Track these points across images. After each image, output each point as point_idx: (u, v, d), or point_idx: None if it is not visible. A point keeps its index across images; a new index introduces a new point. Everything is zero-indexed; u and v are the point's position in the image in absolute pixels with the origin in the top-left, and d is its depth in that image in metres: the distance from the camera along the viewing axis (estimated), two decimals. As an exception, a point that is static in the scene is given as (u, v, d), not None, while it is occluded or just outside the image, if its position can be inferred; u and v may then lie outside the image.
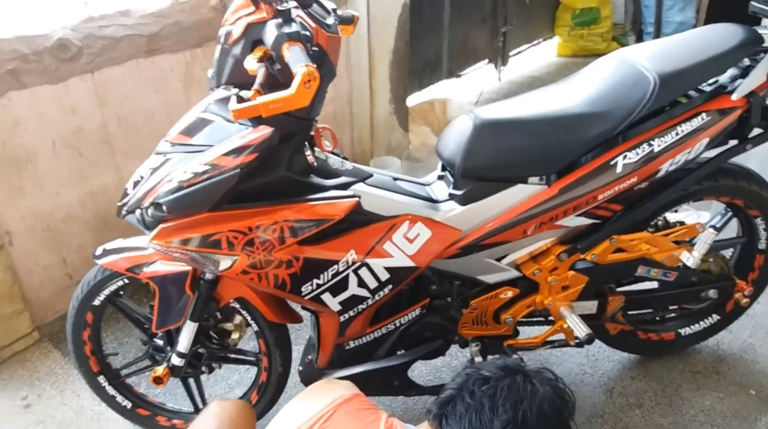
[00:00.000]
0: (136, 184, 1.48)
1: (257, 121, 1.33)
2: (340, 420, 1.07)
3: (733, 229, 2.00)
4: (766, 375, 2.08)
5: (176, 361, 1.70)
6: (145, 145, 2.36)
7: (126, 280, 1.69)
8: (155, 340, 1.78)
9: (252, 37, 1.36)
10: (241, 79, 1.39)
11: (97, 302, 1.72)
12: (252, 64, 1.29)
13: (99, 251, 1.67)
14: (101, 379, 1.83)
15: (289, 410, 1.16)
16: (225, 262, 1.43)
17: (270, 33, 1.27)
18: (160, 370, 1.68)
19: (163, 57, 2.37)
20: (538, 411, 1.03)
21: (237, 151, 1.34)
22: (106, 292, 1.71)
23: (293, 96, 1.16)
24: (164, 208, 1.38)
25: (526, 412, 1.02)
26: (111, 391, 1.85)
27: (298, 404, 1.16)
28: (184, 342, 1.67)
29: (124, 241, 1.68)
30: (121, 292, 1.75)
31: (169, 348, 1.74)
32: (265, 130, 1.34)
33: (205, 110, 1.46)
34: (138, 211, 1.46)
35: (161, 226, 1.41)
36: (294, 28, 1.26)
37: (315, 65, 1.19)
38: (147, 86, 2.36)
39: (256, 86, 1.24)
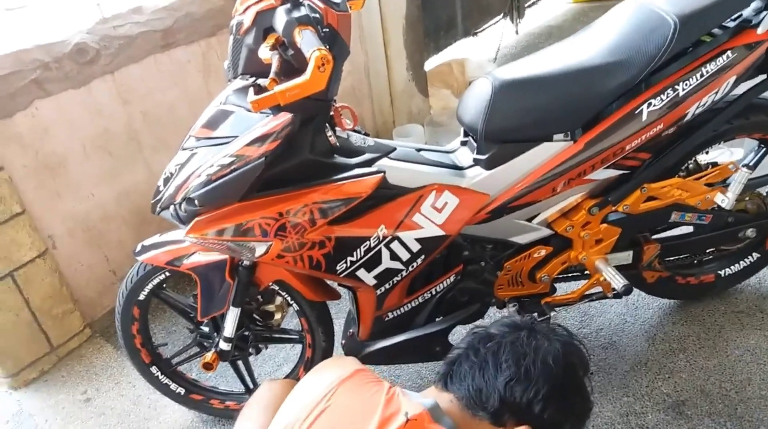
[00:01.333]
0: (166, 180, 1.51)
1: (277, 108, 1.34)
2: (343, 397, 1.08)
3: (767, 166, 1.96)
4: (811, 309, 2.06)
5: (223, 345, 1.75)
6: (170, 138, 2.40)
7: (167, 274, 1.75)
8: (201, 327, 1.84)
9: (263, 25, 1.36)
10: (257, 68, 1.40)
11: (141, 297, 1.78)
12: (265, 52, 1.30)
13: (138, 248, 1.73)
14: (154, 369, 1.91)
15: (295, 393, 1.18)
16: (260, 249, 1.47)
17: (280, 19, 1.28)
18: (208, 356, 1.75)
19: (179, 50, 2.39)
20: (543, 365, 1.03)
21: (260, 140, 1.36)
22: (150, 286, 1.77)
23: (309, 81, 1.17)
24: (196, 202, 1.41)
25: (528, 366, 1.03)
26: (164, 379, 1.93)
27: (302, 387, 1.18)
28: (229, 327, 1.72)
29: (161, 236, 1.73)
30: (164, 285, 1.80)
31: (215, 334, 1.80)
32: (285, 117, 1.35)
33: (225, 102, 1.48)
34: (171, 207, 1.50)
35: (196, 219, 1.44)
36: (303, 11, 1.26)
37: (327, 47, 1.20)
38: (166, 80, 2.39)
39: (272, 75, 1.25)
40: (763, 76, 1.66)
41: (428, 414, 1.02)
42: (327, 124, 1.48)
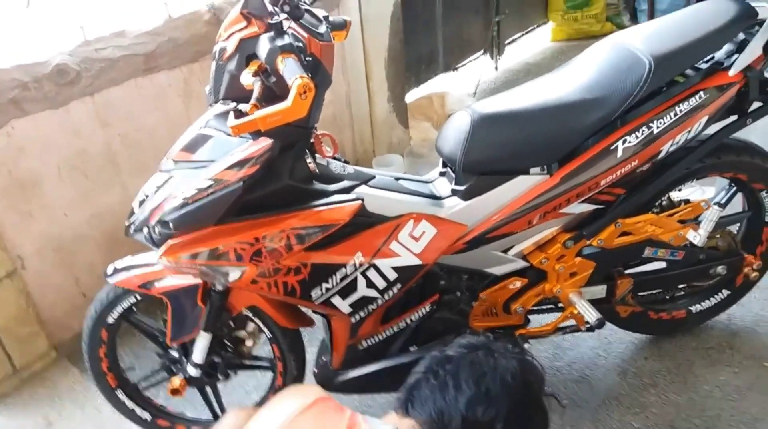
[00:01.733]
0: (141, 202, 1.50)
1: (257, 133, 1.35)
2: (303, 425, 1.07)
3: (738, 204, 2.01)
4: (780, 347, 2.09)
5: (192, 371, 1.72)
6: (149, 162, 2.37)
7: (138, 297, 1.72)
8: (170, 352, 1.80)
9: (246, 52, 1.37)
10: (238, 94, 1.40)
11: (110, 320, 1.74)
12: (248, 78, 1.30)
13: (110, 270, 1.70)
14: (120, 393, 1.86)
15: (254, 423, 1.15)
16: (234, 274, 1.45)
17: (263, 47, 1.29)
18: (176, 381, 1.71)
19: (161, 74, 2.38)
20: (502, 383, 1.04)
21: (239, 165, 1.35)
22: (119, 309, 1.73)
23: (290, 108, 1.18)
24: (171, 225, 1.40)
25: (489, 385, 1.03)
26: (130, 404, 1.88)
27: (262, 416, 1.16)
28: (198, 353, 1.69)
29: (133, 258, 1.70)
30: (134, 309, 1.77)
31: (184, 359, 1.77)
32: (265, 142, 1.35)
33: (205, 126, 1.48)
34: (145, 229, 1.49)
35: (169, 241, 1.43)
36: (287, 40, 1.27)
37: (310, 75, 1.21)
38: (147, 104, 2.38)
39: (253, 101, 1.25)
40: (734, 117, 1.71)
41: None
42: (307, 151, 1.49)
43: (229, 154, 1.38)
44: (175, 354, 1.80)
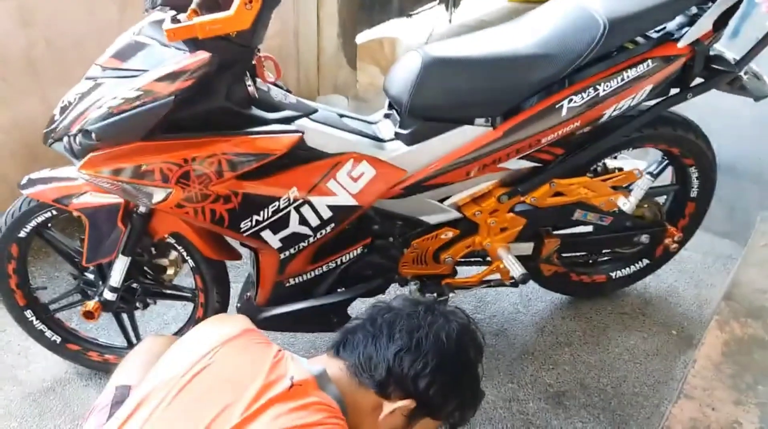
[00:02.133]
0: (63, 109, 1.39)
1: (194, 45, 1.26)
2: (228, 356, 1.05)
3: (667, 177, 2.07)
4: (687, 317, 2.20)
5: (108, 295, 1.65)
6: (74, 71, 2.17)
7: (54, 212, 1.62)
8: (86, 274, 1.72)
9: None
10: (179, 1, 1.30)
11: (22, 234, 1.64)
12: None
13: (24, 181, 1.59)
14: (28, 313, 1.77)
15: (176, 348, 1.13)
16: (158, 195, 1.38)
17: None
18: (91, 304, 1.64)
19: (95, -24, 2.21)
20: (435, 340, 1.05)
21: (172, 77, 1.26)
22: (33, 223, 1.63)
23: (233, 17, 1.10)
24: (93, 135, 1.30)
25: (421, 338, 1.05)
26: (39, 325, 1.79)
27: (185, 342, 1.14)
28: (116, 276, 1.62)
29: (51, 171, 1.60)
30: (49, 224, 1.67)
31: (101, 283, 1.69)
32: (202, 56, 1.27)
33: (140, 33, 1.38)
34: (66, 139, 1.38)
35: (91, 154, 1.33)
36: None
37: None
38: (77, 8, 2.21)
39: (193, 6, 1.16)
40: (676, 90, 1.74)
41: (314, 380, 1.01)
42: (247, 73, 1.41)
43: (162, 65, 1.29)
44: (91, 276, 1.72)
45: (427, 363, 1.04)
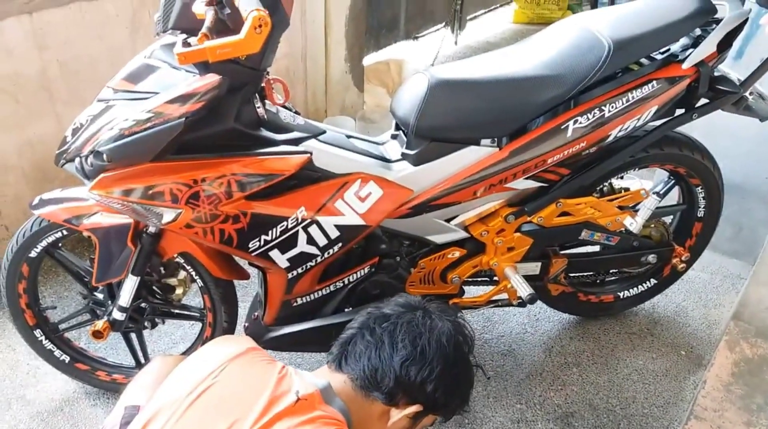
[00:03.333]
0: (75, 131, 1.41)
1: (205, 68, 1.28)
2: (233, 374, 1.06)
3: (674, 197, 2.07)
4: (696, 337, 2.19)
5: (117, 315, 1.66)
6: (87, 93, 2.24)
7: (65, 232, 1.63)
8: (95, 293, 1.73)
9: None
10: (190, 25, 1.32)
11: (33, 254, 1.66)
12: (200, 7, 1.23)
13: (36, 201, 1.61)
14: (38, 332, 1.78)
15: (182, 368, 1.13)
16: (168, 215, 1.39)
17: None
18: (100, 324, 1.65)
19: (108, 1, 2.25)
20: (437, 345, 1.06)
21: (182, 99, 1.28)
22: (43, 243, 1.65)
23: (243, 41, 1.12)
24: (105, 156, 1.32)
25: (425, 346, 1.05)
26: (48, 345, 1.80)
27: (191, 362, 1.14)
28: (125, 296, 1.63)
29: (63, 192, 1.62)
30: (60, 244, 1.69)
31: (110, 302, 1.70)
32: (212, 78, 1.29)
33: (151, 56, 1.40)
34: (77, 160, 1.40)
35: (102, 175, 1.35)
36: None
37: (267, 11, 1.15)
38: (90, 31, 2.24)
39: (203, 30, 1.18)
40: (681, 111, 1.75)
41: (320, 394, 1.02)
42: (257, 95, 1.43)
43: (173, 88, 1.31)
44: (100, 296, 1.73)
45: (432, 369, 1.05)
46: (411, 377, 1.04)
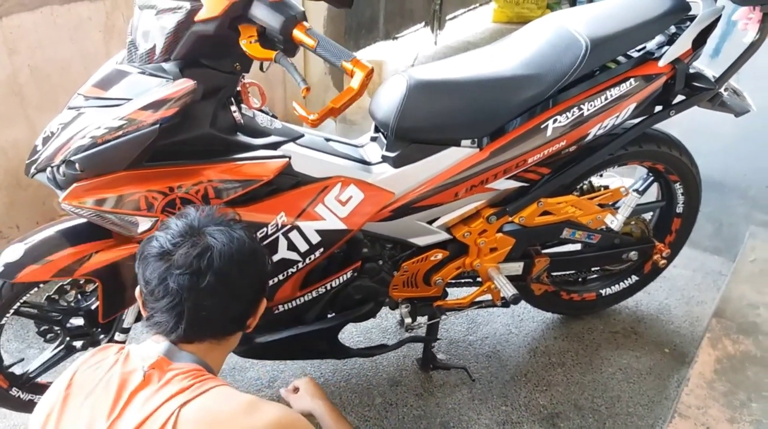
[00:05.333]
0: (46, 140, 1.37)
1: (178, 71, 1.26)
2: (82, 377, 1.02)
3: (653, 194, 2.08)
4: (679, 334, 2.20)
5: (119, 337, 1.63)
6: (59, 98, 2.21)
7: (40, 285, 1.51)
8: (67, 325, 1.63)
9: (232, 14, 1.24)
10: (194, 54, 1.29)
11: (3, 321, 1.52)
12: (257, 49, 1.23)
13: (1, 266, 1.42)
14: (14, 391, 1.66)
15: (44, 398, 1.08)
16: (144, 224, 1.36)
17: (269, 14, 1.21)
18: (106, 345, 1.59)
19: (81, 4, 2.21)
20: (214, 273, 1.01)
21: (156, 105, 1.25)
22: (16, 306, 1.52)
23: (358, 93, 1.19)
24: (77, 166, 1.29)
25: (201, 278, 1.01)
26: (27, 396, 1.68)
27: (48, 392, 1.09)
28: (130, 318, 1.60)
29: (26, 245, 1.43)
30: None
31: (96, 329, 1.64)
32: (186, 83, 1.26)
33: (122, 61, 1.37)
34: (49, 170, 1.36)
35: (74, 185, 1.31)
36: (296, 7, 1.21)
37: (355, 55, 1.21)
38: (62, 35, 2.20)
39: (303, 85, 1.21)
40: (659, 108, 1.75)
41: (165, 357, 1.01)
42: (232, 99, 1.40)
43: (146, 93, 1.28)
44: (76, 322, 1.63)
45: (228, 292, 1.03)
46: (217, 313, 1.04)
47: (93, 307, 1.62)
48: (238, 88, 1.43)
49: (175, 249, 1.02)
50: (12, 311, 1.53)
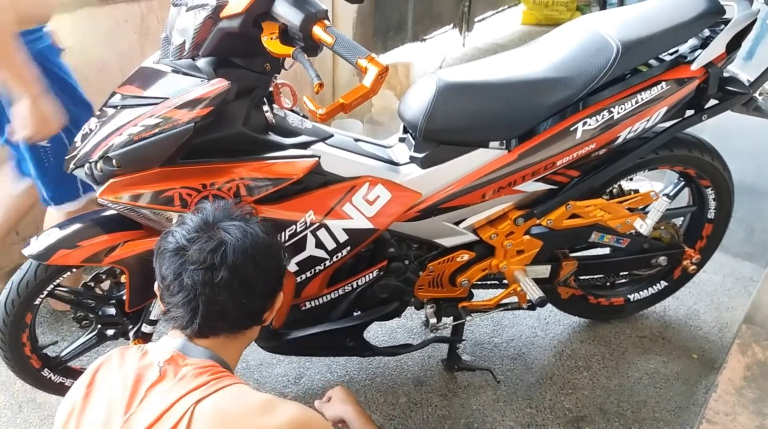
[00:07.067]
0: (85, 136, 1.42)
1: (213, 71, 1.29)
2: (103, 377, 1.04)
3: (684, 199, 2.06)
4: (708, 340, 2.17)
5: (147, 329, 1.66)
6: (96, 98, 2.24)
7: (74, 270, 1.57)
8: (101, 313, 1.69)
9: (256, 12, 1.27)
10: (223, 51, 1.32)
11: (38, 301, 1.58)
12: (277, 45, 1.24)
13: (34, 247, 1.48)
14: (46, 372, 1.72)
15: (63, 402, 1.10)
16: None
17: (290, 11, 1.22)
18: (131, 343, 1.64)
19: (118, 7, 2.27)
20: (228, 267, 1.02)
21: (191, 104, 1.29)
22: (49, 288, 1.57)
23: (370, 91, 1.20)
24: (114, 161, 1.33)
25: (214, 277, 1.01)
26: (59, 379, 1.74)
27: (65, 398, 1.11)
28: (156, 310, 1.63)
29: (61, 230, 1.49)
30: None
31: (125, 319, 1.69)
32: (221, 83, 1.29)
33: (159, 61, 1.41)
34: (87, 165, 1.41)
35: (111, 180, 1.35)
36: (316, 4, 1.22)
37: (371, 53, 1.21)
38: (99, 37, 2.26)
39: (317, 81, 1.21)
40: (690, 112, 1.74)
41: (180, 353, 1.03)
42: (265, 100, 1.43)
43: (182, 93, 1.31)
44: (110, 311, 1.68)
45: (242, 286, 1.03)
46: (233, 305, 1.03)
47: (124, 297, 1.66)
48: (270, 89, 1.45)
49: (189, 244, 1.03)
50: (46, 293, 1.58)
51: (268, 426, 0.95)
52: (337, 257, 1.58)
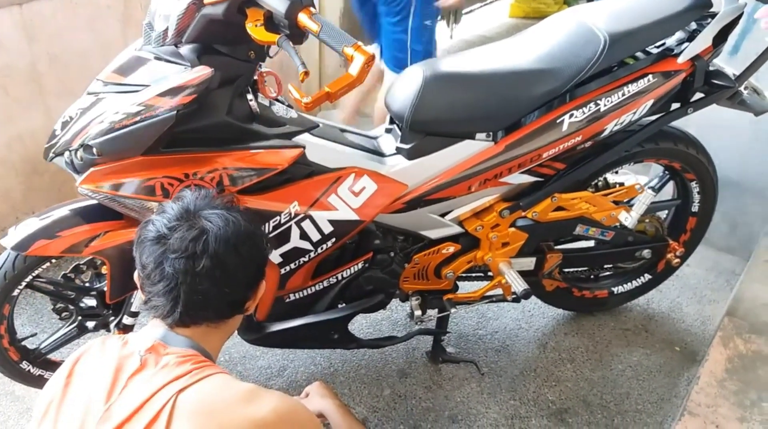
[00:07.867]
0: (64, 124, 1.39)
1: (196, 59, 1.27)
2: (83, 367, 1.03)
3: (668, 192, 2.06)
4: (690, 333, 2.18)
5: (128, 320, 1.64)
6: (77, 86, 2.19)
7: (53, 260, 1.55)
8: (80, 304, 1.67)
9: None
10: (206, 38, 1.30)
11: (16, 292, 1.57)
12: (262, 33, 1.22)
13: (11, 238, 1.45)
14: (24, 364, 1.70)
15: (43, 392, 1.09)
16: (160, 210, 1.37)
17: None
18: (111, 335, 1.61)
19: (99, -7, 2.23)
20: (210, 258, 1.01)
21: (174, 92, 1.26)
22: (28, 279, 1.55)
23: (356, 79, 1.16)
24: (95, 150, 1.30)
25: (196, 264, 1.00)
26: (37, 371, 1.72)
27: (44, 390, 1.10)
28: (138, 302, 1.61)
29: (40, 220, 1.46)
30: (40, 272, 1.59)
31: (106, 310, 1.67)
32: (204, 71, 1.27)
33: (141, 48, 1.38)
34: (67, 154, 1.38)
35: (91, 169, 1.33)
36: None
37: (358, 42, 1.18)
38: (81, 24, 2.22)
39: (302, 68, 1.18)
40: (676, 105, 1.74)
41: (161, 342, 1.02)
42: (249, 88, 1.41)
43: (164, 80, 1.29)
44: (89, 303, 1.67)
45: (224, 275, 1.02)
46: (214, 293, 1.02)
47: (105, 288, 1.64)
48: (255, 77, 1.43)
49: (170, 233, 1.01)
50: (25, 284, 1.56)
51: (252, 415, 0.94)
52: (321, 249, 1.56)
